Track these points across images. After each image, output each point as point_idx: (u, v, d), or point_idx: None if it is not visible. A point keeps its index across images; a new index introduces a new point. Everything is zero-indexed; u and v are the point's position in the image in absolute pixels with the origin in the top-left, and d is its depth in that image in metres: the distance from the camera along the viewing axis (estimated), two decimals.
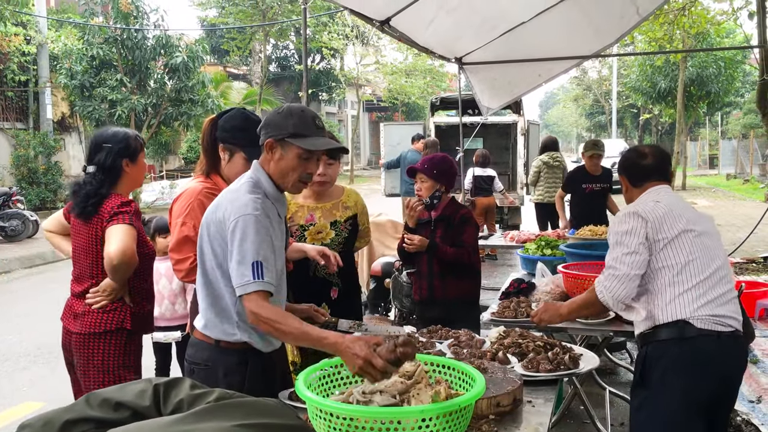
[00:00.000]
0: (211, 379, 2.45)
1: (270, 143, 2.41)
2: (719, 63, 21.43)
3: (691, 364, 2.59)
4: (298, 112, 2.43)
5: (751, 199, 19.09)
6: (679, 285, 2.61)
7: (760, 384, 4.76)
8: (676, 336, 2.57)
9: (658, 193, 2.89)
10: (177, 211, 2.90)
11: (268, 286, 2.29)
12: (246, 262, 2.27)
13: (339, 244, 3.38)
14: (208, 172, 2.97)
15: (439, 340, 3.09)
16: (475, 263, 4.15)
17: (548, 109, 79.78)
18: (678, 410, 2.57)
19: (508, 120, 14.01)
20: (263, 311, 2.26)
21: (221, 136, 2.89)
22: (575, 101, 51.45)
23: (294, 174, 2.44)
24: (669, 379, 2.57)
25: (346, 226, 3.43)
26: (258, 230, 2.30)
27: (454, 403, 1.99)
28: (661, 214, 2.69)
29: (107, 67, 17.91)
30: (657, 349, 2.62)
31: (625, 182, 3.01)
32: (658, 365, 2.60)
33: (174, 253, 2.86)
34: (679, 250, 2.64)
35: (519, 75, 7.79)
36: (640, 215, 2.71)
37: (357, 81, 32.85)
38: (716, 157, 34.77)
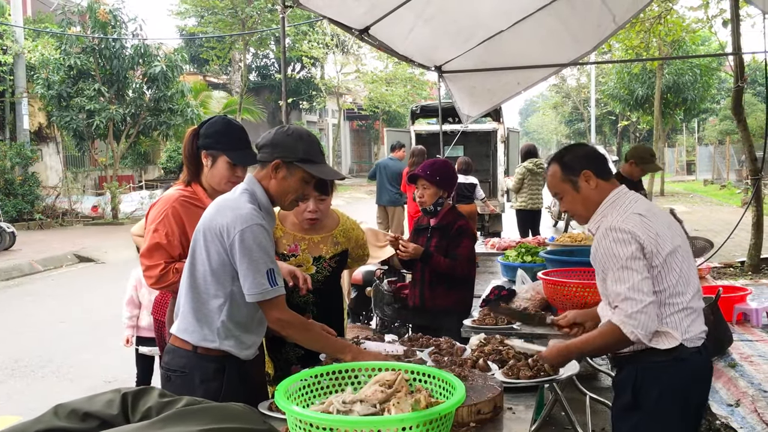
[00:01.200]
0: (187, 386, 2.44)
1: (277, 164, 2.48)
2: (695, 70, 21.69)
3: (687, 385, 2.53)
4: (306, 136, 2.55)
5: (728, 204, 19.32)
6: (671, 306, 2.48)
7: (738, 388, 4.81)
8: (671, 358, 2.46)
9: (633, 201, 2.60)
10: (151, 218, 2.93)
11: (283, 290, 2.44)
12: (261, 270, 2.37)
13: (318, 281, 3.23)
14: (189, 182, 2.98)
15: (420, 348, 3.09)
16: (469, 275, 4.16)
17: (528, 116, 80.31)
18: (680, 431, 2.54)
19: (488, 128, 14.09)
20: (288, 316, 2.46)
21: (203, 143, 2.90)
22: (554, 109, 51.84)
23: (293, 195, 2.55)
24: (666, 402, 2.48)
25: (331, 264, 3.30)
26: (265, 239, 2.40)
27: (434, 412, 1.99)
28: (654, 235, 2.47)
29: (85, 76, 17.78)
30: (651, 371, 2.49)
31: (590, 177, 2.61)
32: (653, 388, 2.48)
33: (145, 259, 2.86)
34: (670, 270, 2.48)
35: (498, 83, 7.85)
36: (637, 237, 2.44)
37: (337, 89, 32.87)
38: (693, 163, 35.20)
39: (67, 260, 13.07)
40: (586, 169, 2.62)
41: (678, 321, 2.48)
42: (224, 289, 2.42)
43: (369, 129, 41.76)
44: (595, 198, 2.63)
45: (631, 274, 2.41)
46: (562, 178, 2.66)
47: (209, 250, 2.41)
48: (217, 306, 2.43)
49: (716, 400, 4.73)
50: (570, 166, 2.65)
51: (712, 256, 8.71)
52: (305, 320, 2.55)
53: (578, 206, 2.67)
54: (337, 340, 2.62)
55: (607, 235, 2.48)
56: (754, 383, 4.83)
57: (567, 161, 2.66)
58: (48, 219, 17.83)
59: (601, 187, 2.62)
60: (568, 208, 2.70)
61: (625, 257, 2.42)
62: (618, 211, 2.56)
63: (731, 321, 6.18)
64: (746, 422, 4.29)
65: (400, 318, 5.37)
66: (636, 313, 2.38)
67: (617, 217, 2.53)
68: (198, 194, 2.90)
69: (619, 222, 2.49)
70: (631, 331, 2.39)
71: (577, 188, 2.64)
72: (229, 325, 2.45)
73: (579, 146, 2.79)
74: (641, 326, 2.39)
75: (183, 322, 2.49)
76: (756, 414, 4.32)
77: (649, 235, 2.45)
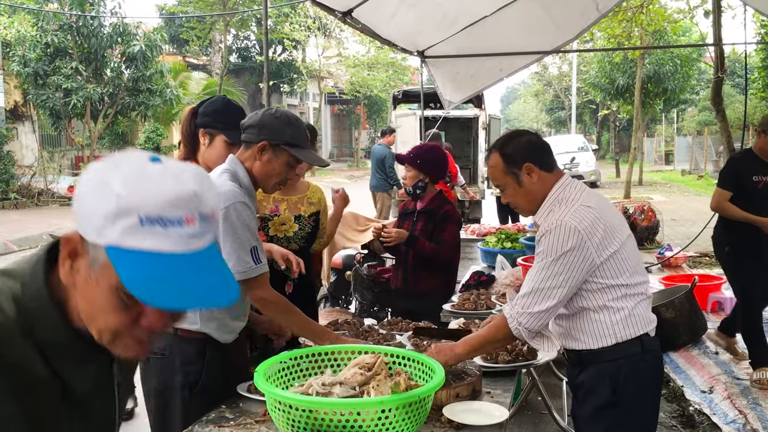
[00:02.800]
0: (167, 369, 2.42)
1: (264, 145, 2.46)
2: (675, 61, 21.81)
3: (658, 374, 2.53)
4: (294, 120, 2.53)
5: (705, 194, 19.52)
6: (635, 297, 2.40)
7: (711, 375, 4.88)
8: (640, 350, 2.39)
9: (580, 192, 2.46)
10: None
11: (266, 268, 2.44)
12: (245, 248, 2.37)
13: (302, 238, 3.35)
14: (185, 158, 2.95)
15: (399, 332, 3.10)
16: (452, 260, 4.18)
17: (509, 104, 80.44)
18: (652, 422, 2.51)
19: (470, 114, 14.09)
20: (271, 295, 2.47)
21: (202, 121, 2.88)
22: (536, 96, 52.01)
23: (277, 178, 2.53)
24: (643, 395, 2.43)
25: (310, 222, 3.41)
26: (249, 217, 2.39)
27: (414, 394, 1.99)
28: (603, 227, 2.33)
29: (62, 54, 17.49)
30: (628, 365, 2.39)
31: (532, 170, 2.45)
32: (629, 382, 2.38)
33: None
34: (625, 260, 2.37)
35: (481, 69, 7.83)
36: (580, 233, 2.29)
37: (319, 73, 32.63)
38: (672, 154, 35.52)
39: (43, 240, 12.90)
40: (528, 162, 2.45)
41: (643, 311, 2.42)
42: None
43: (350, 113, 41.57)
44: (538, 191, 2.47)
45: (548, 275, 2.29)
46: (504, 170, 2.49)
47: None
48: None
49: (690, 386, 4.80)
50: (512, 159, 2.48)
51: (688, 246, 8.82)
52: (288, 302, 2.54)
53: (520, 200, 2.52)
54: (317, 326, 2.63)
55: (552, 230, 2.32)
56: (727, 371, 4.91)
57: (508, 153, 2.49)
58: (23, 199, 17.58)
59: (544, 179, 2.47)
60: (511, 200, 2.54)
61: (554, 256, 2.29)
62: (566, 203, 2.41)
63: (706, 309, 6.28)
64: (719, 408, 4.36)
65: (380, 302, 5.37)
66: (528, 314, 2.30)
67: (565, 210, 2.38)
68: None
69: (566, 217, 2.33)
70: (516, 327, 2.32)
71: (519, 182, 2.47)
72: (213, 308, 2.42)
73: (520, 135, 2.57)
74: (527, 326, 2.32)
75: None
76: (729, 400, 4.40)
77: (597, 228, 2.31)
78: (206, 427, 2.22)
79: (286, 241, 3.28)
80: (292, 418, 1.96)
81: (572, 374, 2.53)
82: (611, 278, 2.35)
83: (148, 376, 2.48)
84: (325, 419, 1.92)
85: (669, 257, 8.43)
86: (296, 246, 3.31)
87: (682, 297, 5.02)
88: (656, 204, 10.75)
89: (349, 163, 37.60)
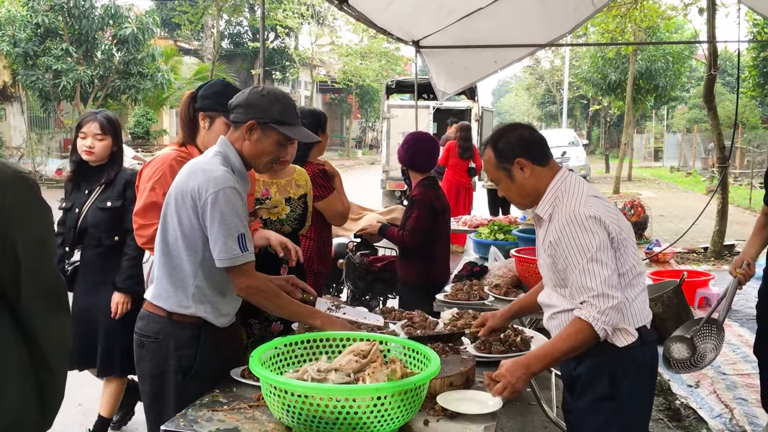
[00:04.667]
0: (161, 353, 2.41)
1: (252, 125, 2.41)
2: (667, 57, 21.90)
3: (654, 366, 2.54)
4: (282, 97, 2.47)
5: (693, 191, 19.66)
6: (636, 287, 2.41)
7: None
8: (639, 342, 2.40)
9: (580, 183, 2.47)
10: (147, 175, 2.86)
11: (253, 256, 2.39)
12: (232, 235, 2.31)
13: (294, 220, 3.35)
14: (183, 143, 2.94)
15: (393, 321, 3.10)
16: (429, 249, 4.19)
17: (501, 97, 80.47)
18: (647, 414, 2.55)
19: (463, 105, 14.11)
20: (256, 282, 2.41)
21: (201, 104, 2.86)
22: (527, 90, 52.02)
23: (268, 157, 2.48)
24: (641, 387, 2.44)
25: (300, 204, 3.42)
26: (238, 202, 2.34)
27: (409, 382, 2.00)
28: (614, 217, 2.38)
29: (52, 35, 17.33)
30: (626, 357, 2.40)
31: (525, 165, 2.45)
32: (628, 375, 2.39)
33: (139, 218, 2.82)
34: (627, 250, 2.39)
35: (475, 61, 7.82)
36: (604, 223, 2.32)
37: (311, 61, 32.51)
38: (661, 150, 35.69)
39: None
40: (519, 157, 2.44)
41: (642, 302, 2.43)
42: (197, 255, 2.37)
43: (342, 102, 41.46)
44: (531, 185, 2.46)
45: (601, 267, 2.27)
46: (496, 165, 2.49)
47: (180, 214, 2.36)
48: (190, 271, 2.39)
49: (677, 380, 4.84)
50: (503, 154, 2.47)
51: (677, 242, 8.88)
52: (274, 287, 2.50)
53: (513, 194, 2.52)
54: (305, 307, 2.58)
55: (572, 222, 2.32)
56: (713, 366, 4.95)
57: (501, 148, 2.48)
58: None
59: (538, 174, 2.46)
60: (505, 194, 2.56)
61: (595, 248, 2.28)
62: (570, 195, 2.40)
63: (693, 305, 6.32)
64: (705, 402, 4.40)
65: (372, 291, 5.38)
66: (609, 309, 2.26)
67: (574, 202, 2.37)
68: (193, 155, 2.86)
69: (581, 208, 2.34)
70: (602, 328, 2.27)
71: (511, 177, 2.47)
72: (205, 291, 2.40)
73: (513, 129, 2.54)
74: (611, 323, 2.29)
75: (157, 288, 2.45)
76: (715, 395, 4.44)
77: (611, 218, 2.35)
78: (200, 411, 2.22)
79: (279, 224, 3.28)
80: (288, 403, 1.96)
81: (568, 367, 2.51)
82: (620, 266, 2.36)
83: (143, 360, 2.46)
84: (321, 405, 1.93)
85: (657, 253, 8.47)
86: (289, 228, 3.31)
87: (671, 292, 5.06)
88: (645, 200, 10.79)
89: (340, 153, 37.51)
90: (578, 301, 2.31)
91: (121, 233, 3.66)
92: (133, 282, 3.63)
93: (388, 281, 5.22)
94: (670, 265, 8.37)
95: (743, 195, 16.17)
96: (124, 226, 3.58)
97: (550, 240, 2.40)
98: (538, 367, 2.37)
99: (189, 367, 2.40)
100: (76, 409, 4.59)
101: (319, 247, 3.91)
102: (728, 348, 5.32)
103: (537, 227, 2.59)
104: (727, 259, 9.03)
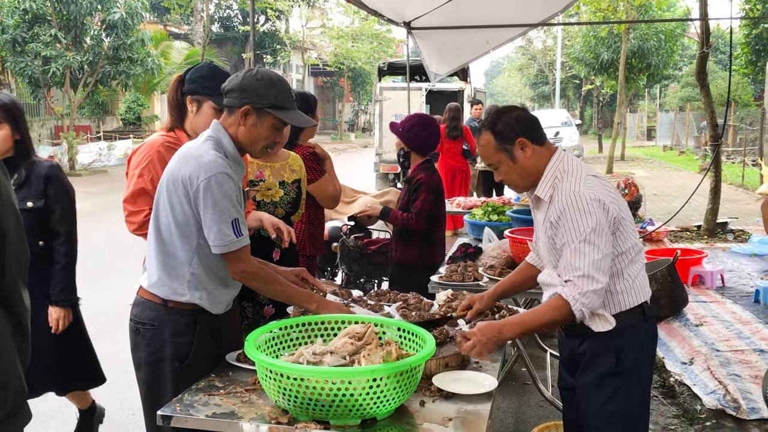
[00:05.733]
0: (157, 340, 2.40)
1: (247, 110, 2.36)
2: (660, 36, 21.86)
3: (654, 342, 2.58)
4: (277, 81, 2.41)
5: (686, 170, 19.70)
6: (637, 264, 2.44)
7: (692, 347, 4.96)
8: (641, 318, 2.44)
9: (578, 162, 2.47)
10: (135, 162, 2.85)
11: (247, 240, 2.38)
12: (226, 220, 2.30)
13: (287, 203, 3.35)
14: (171, 127, 2.91)
15: (388, 303, 3.10)
16: (427, 230, 4.19)
17: (493, 78, 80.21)
18: (649, 389, 2.58)
19: (455, 87, 14.06)
20: (252, 267, 2.40)
21: (189, 88, 2.83)
22: (520, 71, 51.91)
23: (264, 143, 2.43)
24: (642, 362, 2.48)
25: (293, 188, 3.41)
26: (231, 188, 2.31)
27: (405, 363, 2.00)
28: (614, 196, 2.38)
29: (41, 21, 17.18)
30: (631, 333, 2.42)
31: (526, 144, 2.43)
32: (632, 351, 2.42)
33: (128, 205, 2.81)
34: (628, 231, 2.40)
35: (467, 41, 7.78)
36: (604, 204, 2.32)
37: (302, 44, 32.34)
38: (654, 129, 35.70)
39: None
40: (520, 137, 2.42)
41: (643, 278, 2.46)
42: (190, 242, 2.35)
43: (334, 86, 41.26)
44: (532, 165, 2.45)
45: (592, 249, 2.27)
46: (496, 147, 2.45)
47: (172, 201, 2.33)
48: (185, 258, 2.37)
49: (671, 358, 4.88)
50: (504, 135, 2.44)
51: (670, 220, 8.91)
52: (270, 272, 2.50)
53: (515, 176, 2.49)
54: (302, 291, 2.57)
55: (573, 202, 2.31)
56: (707, 342, 4.99)
57: (500, 129, 2.44)
58: None
59: (538, 153, 2.45)
60: (505, 178, 2.52)
61: (590, 229, 2.28)
62: (570, 175, 2.40)
63: (687, 283, 6.37)
64: (699, 379, 4.43)
65: (366, 274, 5.39)
66: (591, 292, 2.27)
67: (573, 182, 2.37)
68: (182, 140, 2.84)
69: (582, 188, 2.33)
70: (580, 309, 2.28)
71: (513, 158, 2.44)
72: (201, 278, 2.38)
73: (509, 111, 2.51)
74: (589, 306, 2.29)
75: (152, 276, 2.42)
76: (709, 371, 4.47)
77: (611, 198, 2.36)
78: (196, 396, 2.22)
79: (272, 206, 3.28)
80: (283, 386, 1.96)
81: (569, 345, 2.52)
82: (621, 245, 2.37)
83: (138, 347, 2.45)
84: (317, 388, 1.93)
85: (651, 231, 8.51)
86: (282, 211, 3.32)
87: (664, 270, 5.09)
88: (638, 179, 10.82)
89: (333, 136, 37.38)
90: (564, 278, 2.32)
91: (46, 237, 3.20)
92: (69, 293, 3.27)
93: (382, 264, 5.21)
94: (663, 244, 8.41)
95: (736, 173, 16.21)
96: (49, 228, 3.20)
97: (551, 220, 2.40)
98: (511, 333, 2.38)
99: (185, 354, 2.39)
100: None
101: (311, 230, 3.91)
102: (722, 325, 5.35)
103: (535, 209, 2.58)
104: (720, 236, 9.08)
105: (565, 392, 2.66)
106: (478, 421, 2.07)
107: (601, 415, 2.45)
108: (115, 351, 2.39)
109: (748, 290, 6.32)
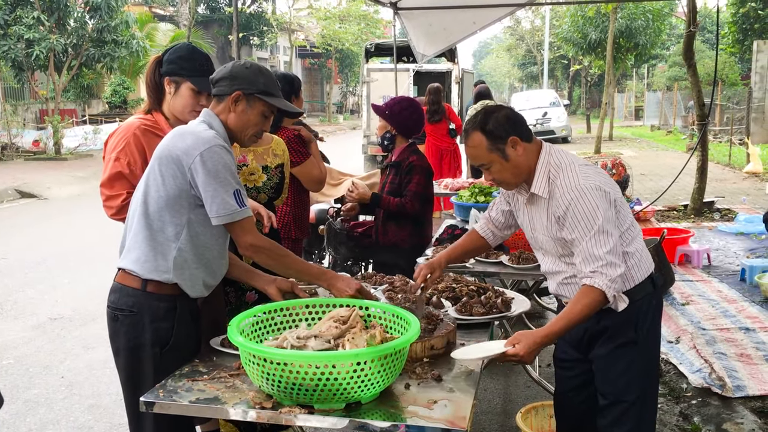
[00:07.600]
0: (137, 326, 2.37)
1: (237, 96, 2.40)
2: (647, 15, 21.83)
3: (660, 312, 2.66)
4: (266, 71, 2.49)
5: (674, 149, 19.75)
6: (636, 240, 2.50)
7: (678, 326, 4.99)
8: (652, 288, 2.53)
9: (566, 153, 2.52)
10: (111, 146, 2.83)
11: (251, 212, 2.39)
12: (228, 190, 2.31)
13: (270, 188, 3.33)
14: (149, 110, 2.88)
15: (374, 286, 3.09)
16: (421, 212, 4.19)
17: (481, 58, 79.98)
18: (659, 354, 2.69)
19: (443, 68, 14.00)
20: (259, 240, 2.41)
21: (167, 69, 2.81)
22: (508, 51, 51.74)
23: (253, 129, 2.47)
24: (653, 331, 2.59)
25: (276, 173, 3.39)
26: (229, 160, 2.33)
27: (389, 347, 1.99)
28: (608, 179, 2.44)
29: (23, 4, 16.90)
30: (644, 305, 2.50)
31: (517, 142, 2.44)
32: (647, 319, 2.52)
33: (105, 189, 2.78)
34: (626, 209, 2.48)
35: (454, 22, 7.73)
36: (604, 190, 2.38)
37: (289, 25, 32.08)
38: (641, 109, 35.77)
39: (8, 196, 12.65)
40: (512, 135, 2.43)
41: (646, 251, 2.54)
42: (180, 216, 2.32)
43: (321, 67, 41.00)
44: (524, 163, 2.46)
45: (608, 237, 2.33)
46: (489, 147, 2.44)
47: (164, 176, 2.31)
48: (173, 233, 2.34)
49: None
50: (495, 134, 2.43)
51: (657, 200, 8.94)
52: (279, 245, 2.49)
53: (507, 175, 2.48)
54: (314, 267, 2.57)
55: (578, 195, 2.35)
56: (693, 321, 5.02)
57: (491, 129, 2.43)
58: None
59: (528, 150, 2.47)
60: (497, 177, 2.50)
61: (602, 219, 2.33)
62: (565, 168, 2.43)
63: (673, 262, 6.40)
64: (685, 357, 4.47)
65: (354, 256, 5.37)
66: (618, 277, 2.33)
67: (571, 174, 2.40)
68: (159, 123, 2.81)
69: (580, 180, 2.37)
70: (613, 295, 2.34)
71: (506, 157, 2.44)
72: (186, 254, 2.35)
73: (497, 110, 2.50)
74: (619, 290, 2.37)
75: (133, 253, 2.38)
76: (695, 350, 4.50)
77: (607, 183, 2.42)
78: (179, 381, 2.20)
79: (255, 191, 3.26)
80: (267, 371, 1.95)
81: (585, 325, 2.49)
82: (623, 224, 2.46)
83: (117, 334, 2.41)
84: (300, 372, 1.92)
85: (638, 211, 8.53)
86: (265, 196, 3.30)
87: (651, 250, 5.05)
88: (626, 159, 10.83)
89: (321, 118, 37.22)
90: (588, 270, 2.35)
91: None
92: None
93: (369, 246, 5.20)
94: (650, 223, 8.44)
95: (723, 152, 16.26)
96: None
97: (557, 215, 2.42)
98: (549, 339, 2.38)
99: (166, 340, 2.37)
100: (59, 381, 4.58)
101: (296, 213, 3.88)
102: (708, 303, 5.39)
103: (528, 205, 2.57)
104: (707, 215, 9.12)
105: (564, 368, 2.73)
106: (463, 402, 2.07)
107: (620, 383, 2.53)
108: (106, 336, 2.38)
109: (734, 269, 6.36)
